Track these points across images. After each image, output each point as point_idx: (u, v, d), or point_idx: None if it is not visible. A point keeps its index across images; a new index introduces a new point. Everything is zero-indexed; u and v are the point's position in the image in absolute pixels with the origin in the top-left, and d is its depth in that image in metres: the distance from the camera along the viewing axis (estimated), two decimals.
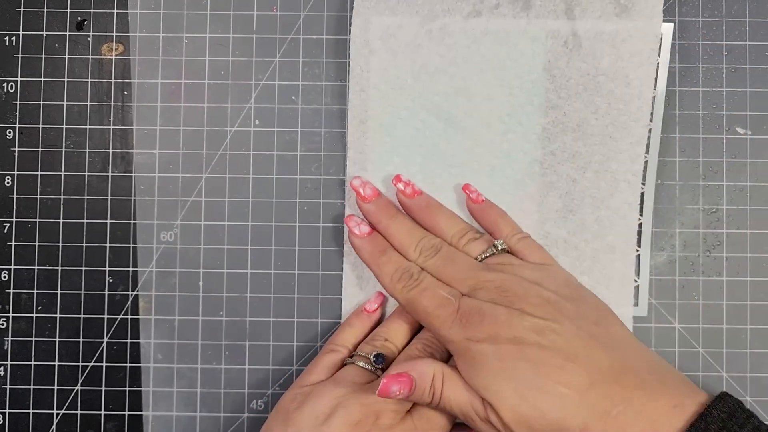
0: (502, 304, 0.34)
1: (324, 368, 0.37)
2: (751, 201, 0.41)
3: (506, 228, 0.39)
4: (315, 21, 0.42)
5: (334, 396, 0.35)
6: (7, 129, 0.42)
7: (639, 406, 0.31)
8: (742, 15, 0.42)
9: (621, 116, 0.40)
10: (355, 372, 0.36)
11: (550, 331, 0.33)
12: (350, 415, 0.34)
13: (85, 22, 0.42)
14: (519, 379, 0.32)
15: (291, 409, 0.35)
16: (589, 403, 0.31)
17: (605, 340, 0.33)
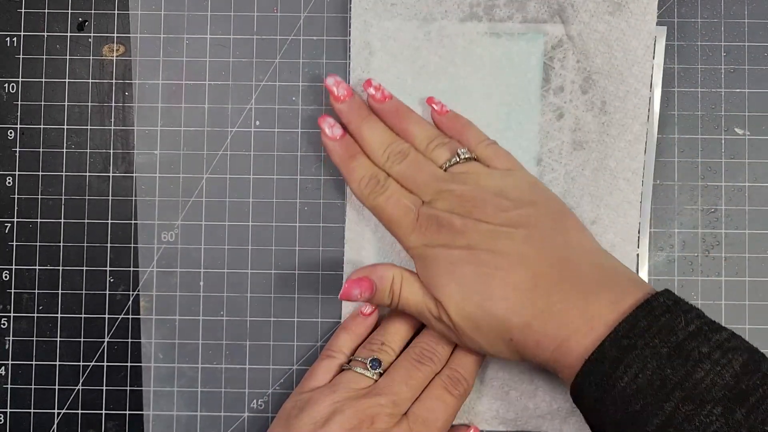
0: (460, 213, 0.35)
1: (322, 374, 0.38)
2: (750, 201, 0.41)
3: (472, 136, 0.39)
4: (315, 22, 0.42)
5: (331, 402, 0.35)
6: (9, 129, 0.42)
7: (579, 303, 0.32)
8: (740, 16, 0.42)
9: (617, 114, 0.40)
10: (352, 377, 0.37)
11: (503, 237, 0.34)
12: (346, 421, 0.34)
13: (86, 23, 0.43)
14: (466, 280, 0.34)
15: (291, 416, 0.36)
16: (531, 302, 0.33)
17: (558, 245, 0.35)
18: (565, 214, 0.37)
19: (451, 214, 0.35)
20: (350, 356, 0.38)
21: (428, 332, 0.38)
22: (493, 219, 0.35)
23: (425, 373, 0.37)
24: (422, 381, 0.37)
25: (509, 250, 0.34)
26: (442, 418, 0.36)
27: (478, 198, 0.36)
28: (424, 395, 0.36)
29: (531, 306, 0.33)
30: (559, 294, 0.33)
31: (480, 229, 0.35)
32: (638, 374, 0.30)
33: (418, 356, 0.37)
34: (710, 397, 0.29)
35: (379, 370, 0.37)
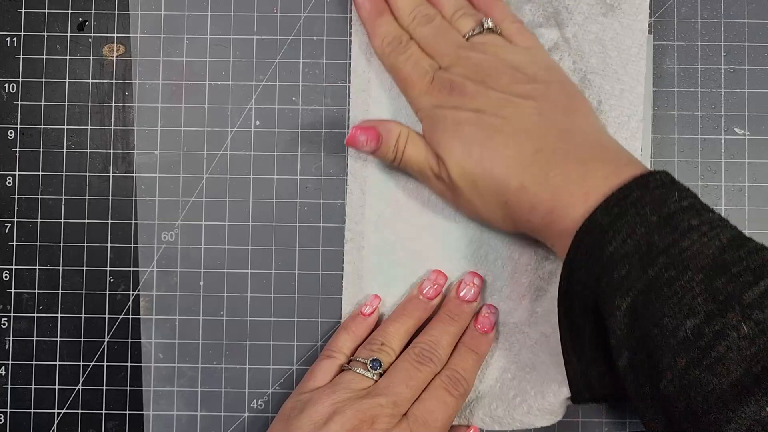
0: (473, 79, 0.36)
1: (322, 374, 0.38)
2: (750, 201, 0.41)
3: (500, 12, 0.39)
4: (315, 22, 0.42)
5: (331, 402, 0.35)
6: (9, 129, 0.42)
7: (577, 174, 0.33)
8: (740, 16, 0.42)
9: (613, 111, 0.40)
10: (352, 377, 0.37)
11: (512, 105, 0.35)
12: (347, 421, 0.34)
13: (86, 23, 0.43)
14: (469, 138, 0.35)
15: (291, 417, 0.36)
16: (529, 167, 0.34)
17: (564, 121, 0.35)
18: (576, 97, 0.37)
19: (465, 79, 0.36)
20: (350, 356, 0.38)
21: (429, 331, 0.38)
22: (505, 89, 0.36)
23: (425, 374, 0.37)
24: (422, 381, 0.37)
25: (515, 118, 0.35)
26: (441, 419, 0.36)
27: (493, 68, 0.36)
28: (424, 396, 0.36)
29: (529, 170, 0.34)
30: (557, 163, 0.34)
31: (490, 96, 0.35)
32: (626, 239, 0.30)
33: (418, 357, 0.37)
34: (693, 264, 0.29)
35: (379, 370, 0.37)
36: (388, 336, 0.38)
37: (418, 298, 0.39)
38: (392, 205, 0.41)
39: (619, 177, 0.32)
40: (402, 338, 0.38)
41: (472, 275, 0.40)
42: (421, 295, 0.39)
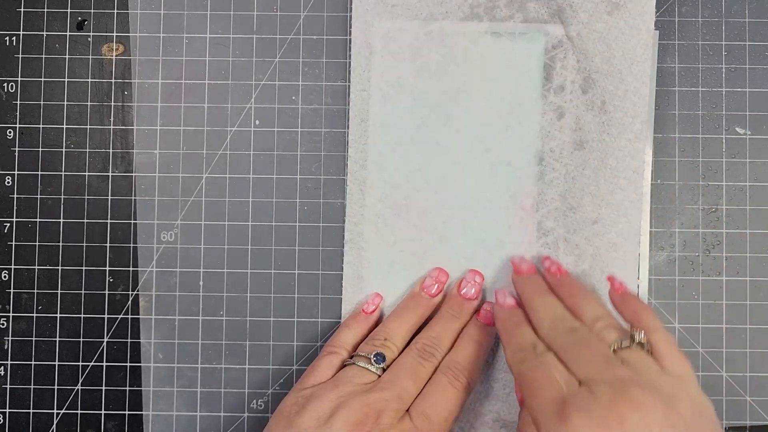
0: (619, 404, 0.30)
1: (324, 370, 0.37)
2: (751, 201, 0.41)
3: (648, 322, 0.34)
4: (315, 21, 0.42)
5: (335, 396, 0.34)
6: (8, 129, 0.42)
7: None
8: (741, 15, 0.42)
9: (617, 113, 0.40)
10: (356, 372, 0.36)
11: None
12: (352, 415, 0.33)
13: (86, 22, 0.42)
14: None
15: (293, 413, 0.35)
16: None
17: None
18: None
19: (612, 404, 0.29)
20: (352, 353, 0.38)
21: (432, 327, 0.38)
22: None
23: (428, 369, 0.37)
24: (426, 376, 0.36)
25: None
26: (444, 412, 0.35)
27: (642, 396, 0.30)
28: (426, 390, 0.36)
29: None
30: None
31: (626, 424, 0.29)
32: None
33: (422, 351, 0.37)
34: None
35: (383, 364, 0.36)
36: (391, 332, 0.38)
37: (420, 294, 0.39)
38: (392, 205, 0.41)
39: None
40: (404, 335, 0.38)
41: (474, 273, 0.40)
42: (423, 291, 0.39)
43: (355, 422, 0.33)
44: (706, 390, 0.41)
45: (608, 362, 0.31)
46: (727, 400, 0.41)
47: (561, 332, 0.34)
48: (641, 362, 0.32)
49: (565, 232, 0.40)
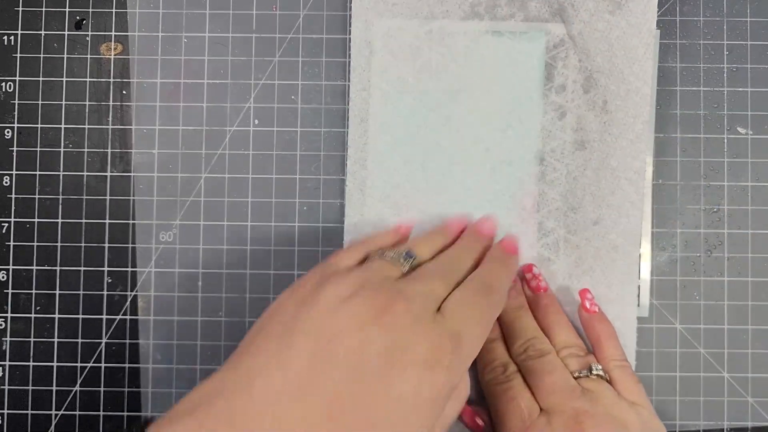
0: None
1: (350, 254, 0.34)
2: (753, 201, 0.41)
3: (608, 350, 0.38)
4: (315, 20, 0.42)
5: (360, 278, 0.31)
6: (6, 129, 0.42)
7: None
8: (743, 14, 0.41)
9: (618, 113, 0.40)
10: (383, 265, 0.33)
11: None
12: (376, 298, 0.30)
13: (84, 21, 0.42)
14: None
15: (309, 287, 0.31)
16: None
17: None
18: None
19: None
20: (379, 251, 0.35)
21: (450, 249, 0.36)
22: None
23: (458, 276, 0.34)
24: (456, 281, 0.33)
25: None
26: (473, 321, 0.32)
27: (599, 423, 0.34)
28: (456, 294, 0.33)
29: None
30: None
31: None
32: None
33: (451, 260, 0.35)
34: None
35: (412, 261, 0.34)
36: (416, 246, 0.36)
37: (446, 225, 0.39)
38: (392, 205, 0.41)
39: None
40: (429, 253, 0.36)
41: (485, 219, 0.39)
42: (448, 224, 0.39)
43: (378, 306, 0.29)
44: (708, 390, 0.41)
45: (569, 392, 0.35)
46: (728, 401, 0.41)
47: (531, 355, 0.37)
48: (600, 390, 0.35)
49: (566, 233, 0.40)
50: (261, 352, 0.29)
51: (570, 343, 0.38)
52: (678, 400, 0.41)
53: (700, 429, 0.41)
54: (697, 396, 0.41)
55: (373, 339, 0.28)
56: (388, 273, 0.33)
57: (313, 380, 0.27)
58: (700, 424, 0.41)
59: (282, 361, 0.28)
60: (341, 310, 0.29)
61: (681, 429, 0.41)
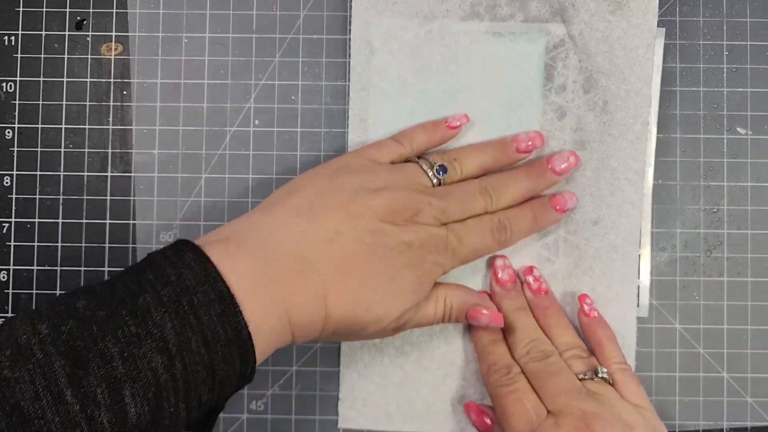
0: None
1: (386, 152, 0.37)
2: (752, 201, 0.41)
3: (610, 352, 0.38)
4: (315, 21, 0.42)
5: (388, 179, 0.35)
6: (6, 129, 0.42)
7: None
8: (742, 15, 0.41)
9: (619, 113, 0.40)
10: (415, 170, 0.37)
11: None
12: (396, 200, 0.34)
13: (85, 21, 0.42)
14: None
15: (341, 172, 0.35)
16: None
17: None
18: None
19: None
20: (417, 153, 0.38)
21: (500, 176, 0.38)
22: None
23: (480, 206, 0.37)
24: (475, 210, 0.37)
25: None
26: (473, 248, 0.36)
27: (606, 428, 0.34)
28: (470, 222, 0.37)
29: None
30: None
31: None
32: None
33: (481, 188, 0.37)
34: None
35: (442, 177, 0.37)
36: (463, 156, 0.38)
37: (509, 143, 0.39)
38: None
39: None
40: (475, 166, 0.38)
41: (570, 153, 0.39)
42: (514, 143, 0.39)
43: (394, 208, 0.34)
44: (708, 391, 0.41)
45: (575, 394, 0.35)
46: (728, 401, 0.41)
47: (535, 357, 0.37)
48: (604, 392, 0.36)
49: (566, 233, 0.40)
50: (284, 216, 0.33)
51: (572, 344, 0.38)
52: (677, 400, 0.41)
53: (700, 429, 0.41)
54: (696, 396, 0.41)
55: (387, 232, 0.33)
56: (418, 180, 0.36)
57: (329, 246, 0.32)
58: (700, 424, 0.41)
59: (301, 226, 0.33)
60: (364, 199, 0.34)
61: (681, 429, 0.41)
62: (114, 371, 0.26)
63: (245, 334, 0.29)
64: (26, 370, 0.25)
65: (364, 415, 0.40)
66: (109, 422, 0.26)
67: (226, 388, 0.30)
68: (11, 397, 0.25)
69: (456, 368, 0.40)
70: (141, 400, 0.26)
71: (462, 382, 0.40)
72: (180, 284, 0.28)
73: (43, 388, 0.25)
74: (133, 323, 0.27)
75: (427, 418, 0.40)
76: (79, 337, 0.26)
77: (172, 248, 0.30)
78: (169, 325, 0.27)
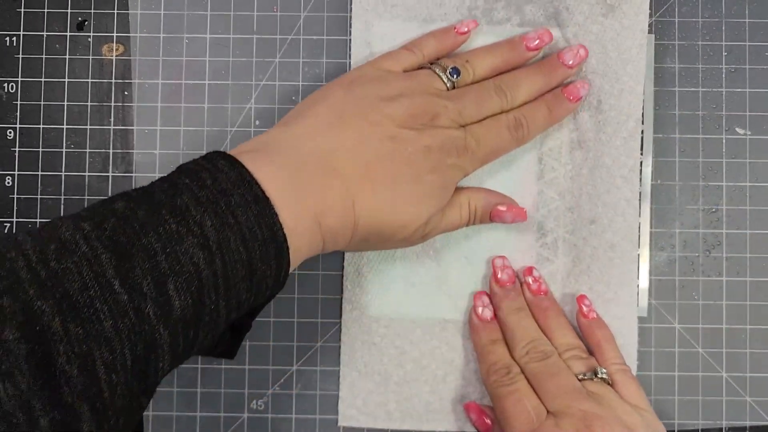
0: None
1: (399, 62, 0.38)
2: (751, 201, 0.41)
3: (609, 353, 0.38)
4: (315, 21, 0.42)
5: (403, 86, 0.36)
6: (8, 129, 0.42)
7: None
8: (741, 15, 0.42)
9: (612, 111, 0.40)
10: (428, 76, 0.37)
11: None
12: (413, 106, 0.35)
13: (86, 22, 0.42)
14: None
15: (357, 83, 0.36)
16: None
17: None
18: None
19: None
20: (429, 61, 0.38)
21: (515, 72, 0.39)
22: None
23: (495, 105, 0.37)
24: (490, 110, 0.37)
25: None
26: (493, 145, 0.37)
27: (606, 429, 0.34)
28: (486, 122, 0.37)
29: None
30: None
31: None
32: None
33: (496, 86, 0.37)
34: None
35: (455, 79, 0.37)
36: (475, 59, 0.38)
37: (519, 43, 0.39)
38: None
39: None
40: (487, 68, 0.38)
41: (579, 46, 0.39)
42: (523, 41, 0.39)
43: (413, 113, 0.35)
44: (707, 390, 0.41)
45: (575, 394, 0.35)
46: (726, 401, 0.41)
47: (535, 357, 0.37)
48: (604, 393, 0.36)
49: (564, 232, 0.40)
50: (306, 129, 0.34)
51: (572, 345, 0.38)
52: (677, 400, 0.41)
53: (699, 428, 0.41)
54: (695, 395, 0.41)
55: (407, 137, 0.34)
56: (433, 84, 0.37)
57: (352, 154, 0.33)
58: (699, 424, 0.41)
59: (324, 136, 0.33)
60: (382, 107, 0.34)
61: (680, 428, 0.41)
62: (158, 265, 0.26)
63: (281, 235, 0.30)
64: (72, 263, 0.25)
65: (364, 414, 0.41)
66: (155, 314, 0.26)
67: (262, 289, 0.30)
68: (59, 285, 0.25)
69: (456, 367, 0.41)
70: (185, 294, 0.27)
71: (462, 381, 0.40)
72: (216, 187, 0.29)
73: (90, 279, 0.25)
74: (174, 221, 0.27)
75: (427, 417, 0.40)
76: (123, 233, 0.26)
77: (204, 158, 0.31)
78: (209, 223, 0.28)
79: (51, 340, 0.24)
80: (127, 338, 0.26)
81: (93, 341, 0.25)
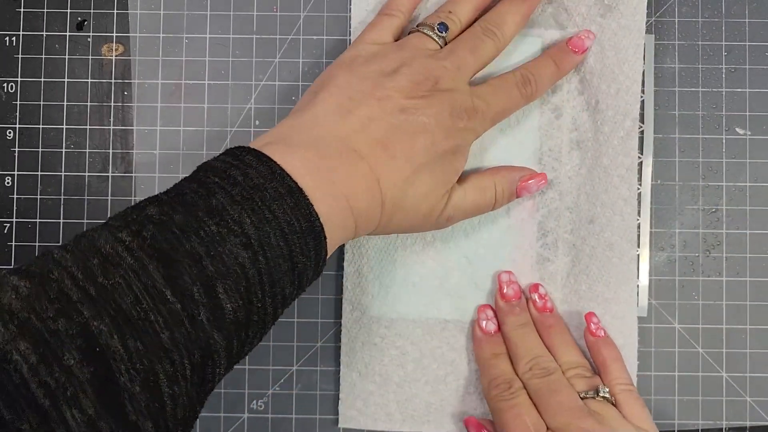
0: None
1: (384, 30, 0.38)
2: (751, 201, 0.41)
3: (615, 373, 0.38)
4: (315, 21, 0.42)
5: (400, 57, 0.35)
6: (7, 129, 0.42)
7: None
8: (741, 15, 0.42)
9: (609, 111, 0.40)
10: (419, 38, 0.37)
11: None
12: (414, 74, 0.35)
13: (85, 22, 0.42)
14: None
15: (356, 63, 0.36)
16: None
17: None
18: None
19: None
20: (410, 18, 0.39)
21: (496, 9, 0.38)
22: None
23: (490, 47, 0.37)
24: (487, 53, 0.37)
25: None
26: (501, 107, 0.37)
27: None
28: (493, 81, 0.37)
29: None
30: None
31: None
32: None
33: (484, 29, 0.37)
34: None
35: (445, 34, 0.37)
36: (456, 6, 0.38)
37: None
38: None
39: None
40: (470, 11, 0.38)
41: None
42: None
43: (416, 80, 0.34)
44: (707, 390, 0.41)
45: (576, 412, 0.35)
46: (726, 401, 0.41)
47: (537, 374, 0.37)
48: (606, 412, 0.35)
49: (564, 232, 0.40)
50: (318, 116, 0.33)
51: (576, 363, 0.38)
52: (677, 400, 0.41)
53: (699, 428, 0.41)
54: (695, 395, 0.41)
55: (416, 107, 0.34)
56: (426, 47, 0.37)
57: (367, 133, 0.33)
58: (699, 424, 0.41)
59: (337, 120, 0.33)
60: (386, 83, 0.34)
61: (680, 428, 0.41)
62: (205, 270, 0.26)
63: (318, 224, 0.30)
64: (120, 276, 0.25)
65: (364, 415, 0.41)
66: (208, 320, 0.26)
67: (303, 282, 0.30)
68: (112, 301, 0.25)
69: (457, 368, 0.41)
70: (234, 296, 0.27)
71: (462, 381, 0.40)
72: (248, 183, 0.29)
73: (141, 291, 0.25)
74: (213, 222, 0.27)
75: (428, 418, 0.40)
76: (164, 240, 0.26)
77: (227, 154, 0.31)
78: (248, 221, 0.28)
79: (112, 359, 0.24)
80: (185, 348, 0.25)
81: (153, 355, 0.25)
